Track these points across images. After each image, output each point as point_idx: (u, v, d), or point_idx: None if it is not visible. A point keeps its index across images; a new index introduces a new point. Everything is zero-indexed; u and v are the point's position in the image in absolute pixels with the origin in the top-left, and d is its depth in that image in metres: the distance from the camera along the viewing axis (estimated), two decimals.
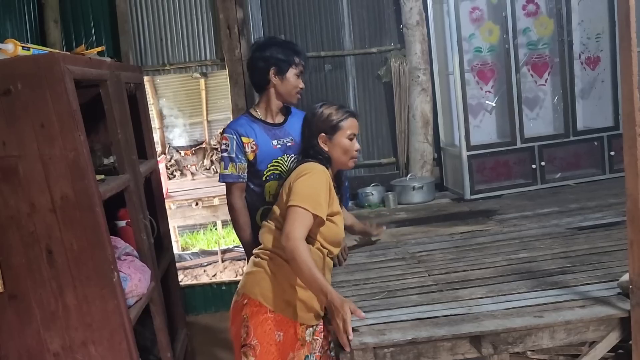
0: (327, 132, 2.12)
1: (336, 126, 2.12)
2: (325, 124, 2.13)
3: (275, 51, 2.43)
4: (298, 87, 2.48)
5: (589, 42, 4.16)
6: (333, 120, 2.13)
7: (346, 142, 2.12)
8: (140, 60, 4.09)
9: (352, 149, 2.14)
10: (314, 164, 2.06)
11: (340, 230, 2.12)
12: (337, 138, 2.12)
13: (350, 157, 2.14)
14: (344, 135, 2.12)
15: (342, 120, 2.13)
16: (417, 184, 4.00)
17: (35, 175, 1.83)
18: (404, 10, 4.15)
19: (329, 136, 2.12)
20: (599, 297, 2.01)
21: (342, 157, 2.13)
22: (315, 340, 2.09)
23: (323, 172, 2.03)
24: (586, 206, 3.34)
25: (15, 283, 1.89)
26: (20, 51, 1.88)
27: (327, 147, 2.13)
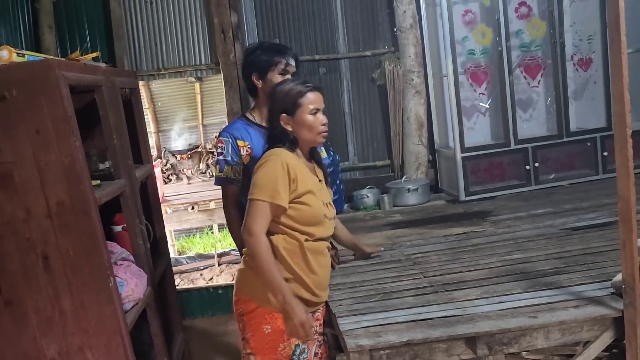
0: (288, 111, 1.98)
1: (296, 103, 1.96)
2: (284, 102, 1.98)
3: (257, 56, 2.46)
4: None
5: (581, 43, 4.19)
6: (292, 97, 1.97)
7: (309, 119, 1.96)
8: (135, 65, 4.09)
9: (317, 124, 1.97)
10: (272, 150, 1.97)
11: (316, 209, 1.97)
12: (299, 115, 1.96)
13: (317, 132, 1.98)
14: (305, 111, 1.96)
15: (302, 96, 1.97)
16: (412, 186, 4.01)
17: (31, 181, 1.84)
18: (398, 14, 4.17)
19: (290, 115, 1.97)
20: (592, 297, 2.02)
21: (308, 134, 1.98)
22: (312, 326, 2.02)
23: (277, 157, 1.91)
24: (580, 207, 3.37)
25: (11, 289, 1.89)
26: (15, 58, 1.89)
27: (291, 127, 1.98)
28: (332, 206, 2.10)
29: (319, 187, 2.03)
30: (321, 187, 2.06)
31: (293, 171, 1.90)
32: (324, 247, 2.05)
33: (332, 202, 2.16)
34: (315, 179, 2.04)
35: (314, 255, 1.99)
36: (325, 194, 2.08)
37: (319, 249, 2.02)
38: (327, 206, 2.05)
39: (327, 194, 2.10)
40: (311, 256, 1.97)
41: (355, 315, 2.10)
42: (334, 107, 4.40)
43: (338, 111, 4.41)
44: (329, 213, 2.05)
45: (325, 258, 2.06)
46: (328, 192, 2.13)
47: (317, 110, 1.98)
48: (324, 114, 2.01)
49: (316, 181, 2.04)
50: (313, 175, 2.04)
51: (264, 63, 2.43)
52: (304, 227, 1.96)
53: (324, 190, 2.08)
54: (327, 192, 2.11)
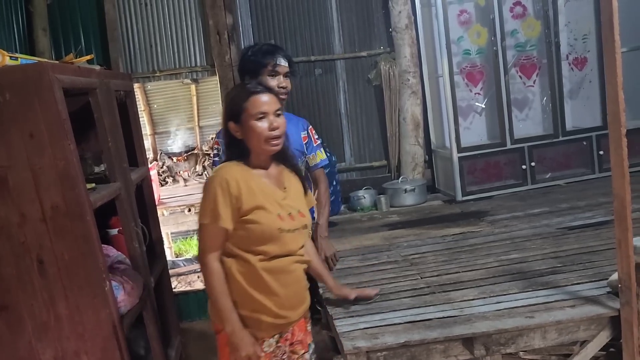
0: (234, 119, 1.81)
1: (240, 109, 1.79)
2: (230, 109, 1.83)
3: (247, 58, 2.46)
4: (275, 88, 2.39)
5: (576, 43, 4.20)
6: (237, 102, 1.81)
7: (255, 125, 1.77)
8: (130, 67, 4.08)
9: (264, 130, 1.77)
10: (217, 167, 1.87)
11: (266, 225, 1.76)
12: (245, 122, 1.79)
13: (265, 139, 1.78)
14: (250, 116, 1.78)
15: (246, 100, 1.79)
16: (408, 187, 4.01)
17: (25, 185, 1.82)
18: (393, 14, 4.17)
19: (237, 122, 1.81)
20: (589, 297, 2.03)
21: (256, 142, 1.79)
22: (280, 347, 1.88)
23: (216, 176, 1.78)
24: (576, 206, 3.37)
25: (6, 294, 1.88)
26: (8, 61, 1.87)
27: (240, 135, 1.81)
28: (303, 215, 1.88)
29: (279, 197, 1.83)
30: (285, 197, 1.85)
31: (235, 188, 1.75)
32: (288, 263, 1.83)
33: (314, 208, 2.05)
34: (275, 189, 1.85)
35: (274, 275, 1.80)
36: (292, 203, 1.87)
37: (279, 267, 1.81)
38: (290, 217, 1.82)
39: (295, 203, 1.88)
40: (269, 277, 1.79)
41: (352, 317, 2.10)
42: (330, 108, 4.40)
43: (334, 112, 4.41)
44: (291, 225, 1.82)
45: (291, 275, 1.84)
46: (299, 200, 1.92)
47: (263, 115, 1.78)
48: (278, 115, 1.81)
49: (275, 191, 1.84)
50: (273, 185, 1.85)
51: (253, 65, 2.42)
52: (255, 246, 1.78)
53: (290, 199, 1.87)
54: (296, 200, 1.90)
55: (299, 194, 1.94)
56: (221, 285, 1.78)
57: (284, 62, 2.42)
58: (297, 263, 1.86)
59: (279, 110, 1.83)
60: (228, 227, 1.75)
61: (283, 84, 2.41)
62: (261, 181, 1.83)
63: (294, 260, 1.85)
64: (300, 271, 1.89)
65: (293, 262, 1.85)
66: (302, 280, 1.91)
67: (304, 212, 1.89)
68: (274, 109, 1.81)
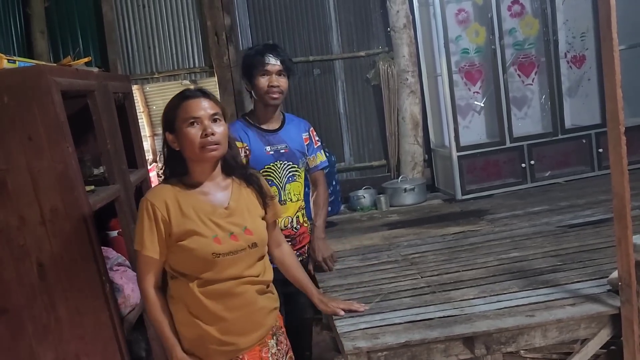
0: (169, 128, 1.70)
1: (173, 117, 1.68)
2: (165, 119, 1.71)
3: (243, 61, 2.48)
4: (265, 87, 2.40)
5: (574, 41, 4.20)
6: (169, 111, 1.70)
7: (186, 132, 1.64)
8: (128, 69, 4.08)
9: (195, 137, 1.63)
10: (149, 190, 1.77)
11: (199, 251, 1.63)
12: (179, 130, 1.66)
13: (199, 146, 1.64)
14: (182, 124, 1.65)
15: (177, 108, 1.67)
16: (408, 186, 4.01)
17: (24, 188, 1.82)
18: (391, 14, 4.17)
19: (172, 132, 1.69)
20: (589, 295, 2.03)
21: (190, 150, 1.66)
22: None
23: (143, 200, 1.69)
24: (576, 204, 3.37)
25: (6, 297, 1.87)
26: (6, 64, 1.87)
27: (178, 146, 1.69)
28: (251, 232, 1.72)
29: (220, 216, 1.69)
30: (228, 214, 1.70)
31: (163, 211, 1.64)
32: (233, 285, 1.68)
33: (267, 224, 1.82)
34: (214, 208, 1.70)
35: (216, 300, 1.67)
36: (238, 220, 1.71)
37: (221, 290, 1.67)
38: (232, 238, 1.67)
39: (241, 220, 1.72)
40: (210, 301, 1.66)
41: (353, 317, 2.09)
42: (329, 108, 4.40)
43: (333, 112, 4.41)
44: (232, 246, 1.67)
45: (239, 298, 1.69)
46: (248, 215, 1.75)
47: (195, 120, 1.64)
48: (215, 121, 1.67)
49: (214, 210, 1.70)
50: (212, 203, 1.71)
51: (247, 69, 2.44)
52: (190, 272, 1.67)
53: (236, 216, 1.72)
54: (243, 217, 1.73)
55: (249, 208, 1.77)
56: (156, 312, 1.71)
57: (274, 61, 2.38)
58: (245, 285, 1.71)
59: (217, 116, 1.68)
60: (152, 255, 1.65)
61: (274, 82, 2.36)
62: (197, 200, 1.69)
63: (240, 282, 1.69)
64: (251, 293, 1.73)
65: (239, 285, 1.69)
66: (255, 303, 1.73)
67: (252, 229, 1.72)
68: (210, 114, 1.66)
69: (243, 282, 1.70)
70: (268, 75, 2.37)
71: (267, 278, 1.79)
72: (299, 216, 2.50)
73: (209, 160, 1.69)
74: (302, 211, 2.55)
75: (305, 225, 2.55)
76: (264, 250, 1.80)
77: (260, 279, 1.75)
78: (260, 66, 2.37)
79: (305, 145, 2.54)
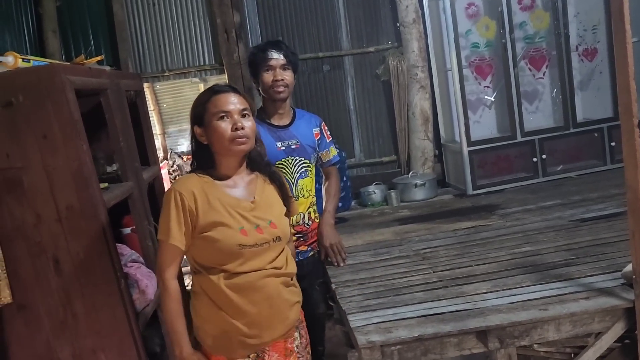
0: (198, 122, 1.74)
1: (202, 111, 1.72)
2: (194, 112, 1.76)
3: (250, 63, 2.50)
4: (270, 82, 2.40)
5: (586, 34, 4.16)
6: (199, 105, 1.74)
7: (217, 125, 1.68)
8: (139, 67, 4.10)
9: (225, 131, 1.67)
10: (176, 180, 1.84)
11: (224, 242, 1.65)
12: (208, 124, 1.70)
13: (229, 139, 1.68)
14: (212, 117, 1.69)
15: (207, 101, 1.71)
16: (419, 181, 4.01)
17: (39, 186, 1.85)
18: (400, 9, 4.16)
19: (201, 125, 1.73)
20: (603, 288, 2.02)
21: (219, 143, 1.70)
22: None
23: (171, 189, 1.70)
24: (588, 198, 3.35)
25: (23, 293, 1.91)
26: (20, 63, 1.90)
27: (207, 139, 1.73)
28: (275, 226, 1.75)
29: (246, 209, 1.72)
30: (253, 208, 1.73)
31: (191, 202, 1.66)
32: (257, 278, 1.70)
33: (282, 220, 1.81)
34: (240, 201, 1.73)
35: (240, 293, 1.68)
36: (262, 214, 1.74)
37: (245, 284, 1.68)
38: (258, 231, 1.70)
39: (266, 215, 1.75)
40: (235, 295, 1.67)
41: (365, 312, 2.10)
42: (338, 104, 4.40)
43: (343, 108, 4.41)
44: (257, 239, 1.70)
45: (262, 291, 1.71)
46: (272, 210, 1.78)
47: (225, 114, 1.68)
48: (244, 116, 1.71)
49: (240, 203, 1.72)
50: (238, 197, 1.74)
51: (253, 65, 2.46)
52: (215, 264, 1.69)
53: (260, 210, 1.74)
54: (268, 211, 1.76)
55: (273, 203, 1.80)
56: (175, 304, 1.71)
57: (277, 55, 2.39)
58: (269, 277, 1.72)
59: (246, 111, 1.72)
60: (178, 245, 1.66)
61: (279, 77, 2.38)
62: (223, 193, 1.72)
63: (263, 274, 1.71)
64: (274, 286, 1.73)
65: (263, 277, 1.71)
66: (279, 295, 1.75)
67: (276, 224, 1.75)
68: (239, 108, 1.70)
69: (267, 275, 1.72)
70: (272, 70, 2.39)
71: (291, 270, 1.82)
72: (310, 212, 2.51)
73: (238, 154, 1.73)
74: (314, 207, 2.56)
75: (316, 221, 2.56)
76: (286, 244, 1.83)
77: (283, 271, 1.77)
78: (264, 62, 2.39)
79: (316, 141, 2.54)
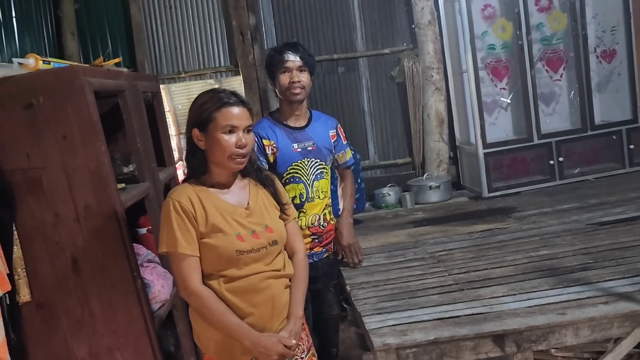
0: (200, 125, 1.68)
1: (209, 118, 1.66)
2: (198, 114, 1.69)
3: (266, 60, 2.50)
4: (287, 84, 2.39)
5: (604, 35, 4.12)
6: (206, 109, 1.67)
7: (222, 138, 1.65)
8: (155, 69, 4.14)
9: (230, 146, 1.65)
10: (170, 191, 1.74)
11: (222, 249, 1.65)
12: (211, 132, 1.66)
13: (229, 155, 1.66)
14: (218, 128, 1.65)
15: (217, 110, 1.66)
16: (433, 184, 3.99)
17: (59, 186, 1.87)
18: (416, 10, 4.15)
19: (202, 130, 1.68)
20: (622, 293, 1.99)
21: (219, 156, 1.67)
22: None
23: (168, 200, 1.68)
24: (606, 201, 3.31)
25: (42, 292, 1.93)
26: (41, 65, 1.93)
27: (204, 144, 1.69)
28: (272, 230, 1.74)
29: (241, 215, 1.71)
30: (248, 214, 1.72)
31: (189, 209, 1.65)
32: (258, 280, 1.69)
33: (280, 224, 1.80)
34: (235, 207, 1.72)
35: (242, 296, 1.68)
36: (258, 220, 1.73)
37: (246, 286, 1.68)
38: (254, 236, 1.69)
39: (261, 219, 1.74)
40: (237, 298, 1.67)
41: (381, 314, 2.10)
42: (353, 105, 4.40)
43: (358, 110, 4.41)
44: (254, 244, 1.69)
45: (263, 293, 1.70)
46: (267, 214, 1.77)
47: (232, 129, 1.66)
48: (248, 132, 1.70)
49: (235, 210, 1.72)
50: (233, 203, 1.73)
51: (269, 67, 2.46)
52: (215, 270, 1.68)
53: (255, 216, 1.73)
54: (263, 216, 1.75)
55: (268, 208, 1.79)
56: (217, 303, 1.65)
57: (293, 57, 2.39)
58: (270, 279, 1.72)
59: (250, 127, 1.71)
60: (188, 252, 1.64)
61: (295, 78, 2.38)
62: (219, 199, 1.71)
63: (264, 276, 1.71)
64: (275, 288, 1.73)
65: (264, 279, 1.70)
66: (280, 297, 1.74)
67: (272, 227, 1.74)
68: (245, 124, 1.68)
69: (267, 277, 1.72)
70: (289, 72, 2.39)
71: (289, 272, 1.80)
72: (326, 214, 2.51)
73: (234, 170, 1.73)
74: (329, 208, 2.55)
75: (332, 222, 2.56)
76: (283, 247, 1.81)
77: (282, 272, 1.76)
78: (280, 64, 2.39)
79: (332, 142, 2.54)
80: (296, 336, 1.74)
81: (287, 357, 1.69)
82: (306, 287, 1.84)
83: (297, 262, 1.84)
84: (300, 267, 1.83)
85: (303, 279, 1.83)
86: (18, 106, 1.82)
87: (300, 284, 1.81)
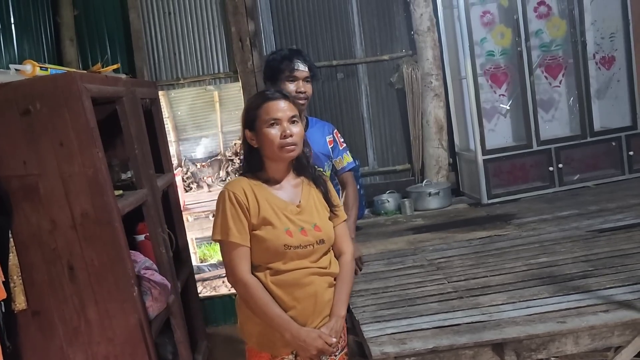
0: (249, 127, 1.78)
1: (254, 117, 1.76)
2: (246, 116, 1.80)
3: (267, 65, 2.45)
4: (293, 93, 2.32)
5: (603, 41, 4.12)
6: (251, 109, 1.78)
7: (267, 131, 1.73)
8: (154, 75, 4.13)
9: (275, 137, 1.72)
10: (227, 182, 1.84)
11: (270, 242, 1.71)
12: (259, 129, 1.75)
13: (278, 146, 1.73)
14: (263, 123, 1.74)
15: (259, 107, 1.76)
16: (433, 190, 3.98)
17: (55, 193, 1.86)
18: (415, 17, 4.15)
19: (252, 130, 1.78)
20: (623, 301, 1.98)
21: (269, 149, 1.75)
22: None
23: (223, 191, 1.76)
24: (606, 208, 3.30)
25: (38, 300, 1.92)
26: (38, 71, 1.92)
27: (256, 143, 1.78)
28: (320, 229, 1.77)
29: (292, 212, 1.76)
30: (299, 212, 1.77)
31: (243, 200, 1.71)
32: (302, 275, 1.73)
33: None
34: (287, 204, 1.77)
35: (286, 289, 1.72)
36: (308, 218, 1.78)
37: (290, 280, 1.73)
38: (302, 233, 1.74)
39: (311, 218, 1.78)
40: (281, 291, 1.72)
41: (379, 322, 2.08)
42: (352, 112, 4.39)
43: (357, 116, 4.40)
44: (302, 240, 1.73)
45: (306, 289, 1.74)
46: (317, 214, 1.81)
47: (275, 121, 1.73)
48: (293, 122, 1.75)
49: (287, 206, 1.77)
50: (285, 199, 1.78)
51: (272, 72, 2.41)
52: (262, 261, 1.74)
53: (306, 214, 1.78)
54: (313, 215, 1.80)
55: (318, 207, 1.83)
56: (262, 293, 1.69)
57: (302, 67, 2.36)
58: (314, 275, 1.75)
59: (295, 118, 1.76)
60: (239, 241, 1.69)
61: (302, 88, 2.36)
62: (271, 195, 1.77)
63: (309, 272, 1.74)
64: (318, 284, 1.76)
65: (308, 275, 1.74)
66: (323, 294, 1.76)
67: (321, 227, 1.79)
68: (289, 115, 1.75)
69: (312, 272, 1.76)
70: (296, 80, 2.35)
71: (334, 270, 1.82)
72: None
73: (286, 160, 1.78)
74: None
75: None
76: (330, 247, 1.85)
77: (327, 270, 1.79)
78: (288, 71, 2.35)
79: (329, 148, 2.53)
80: (337, 334, 1.77)
81: (325, 353, 1.72)
82: (351, 287, 1.87)
83: (344, 263, 1.86)
84: (346, 267, 1.86)
85: (348, 279, 1.85)
86: (15, 112, 1.82)
87: (345, 284, 1.84)
